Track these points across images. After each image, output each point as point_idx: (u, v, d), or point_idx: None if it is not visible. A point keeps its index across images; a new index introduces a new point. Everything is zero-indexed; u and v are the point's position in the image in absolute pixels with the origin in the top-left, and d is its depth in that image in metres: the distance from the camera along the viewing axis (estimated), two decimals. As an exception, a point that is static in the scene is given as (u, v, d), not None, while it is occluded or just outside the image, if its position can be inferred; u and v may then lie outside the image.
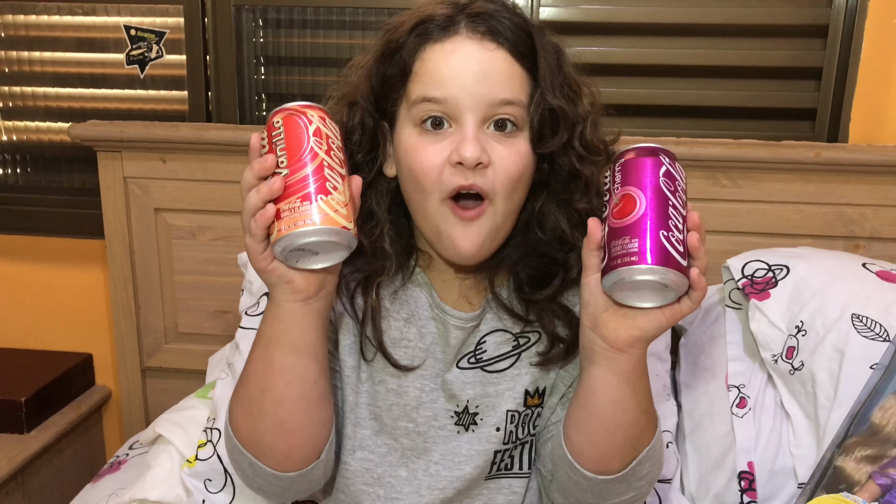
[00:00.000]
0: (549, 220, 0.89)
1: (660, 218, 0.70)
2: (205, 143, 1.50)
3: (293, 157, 0.72)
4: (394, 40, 0.85)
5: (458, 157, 0.79)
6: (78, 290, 1.77)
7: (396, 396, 0.90)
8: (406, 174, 0.84)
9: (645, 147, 0.74)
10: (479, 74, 0.80)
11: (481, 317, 0.92)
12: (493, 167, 0.81)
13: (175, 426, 1.26)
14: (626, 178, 0.73)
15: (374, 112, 0.87)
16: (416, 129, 0.83)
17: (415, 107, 0.82)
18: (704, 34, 1.48)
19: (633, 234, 0.70)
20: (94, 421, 1.78)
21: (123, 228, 1.57)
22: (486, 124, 0.81)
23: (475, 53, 0.81)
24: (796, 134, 1.48)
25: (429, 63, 0.82)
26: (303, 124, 0.73)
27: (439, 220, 0.83)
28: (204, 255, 1.57)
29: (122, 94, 1.68)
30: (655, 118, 1.52)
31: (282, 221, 0.70)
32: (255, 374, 0.81)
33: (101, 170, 1.55)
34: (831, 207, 1.40)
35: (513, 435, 0.92)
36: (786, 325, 1.19)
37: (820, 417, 1.11)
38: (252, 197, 0.71)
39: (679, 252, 0.70)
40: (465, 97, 0.80)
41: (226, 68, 1.62)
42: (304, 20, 1.61)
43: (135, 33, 1.63)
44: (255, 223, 0.71)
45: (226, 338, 1.56)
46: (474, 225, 0.82)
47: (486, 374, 0.91)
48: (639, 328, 0.75)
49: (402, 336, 0.91)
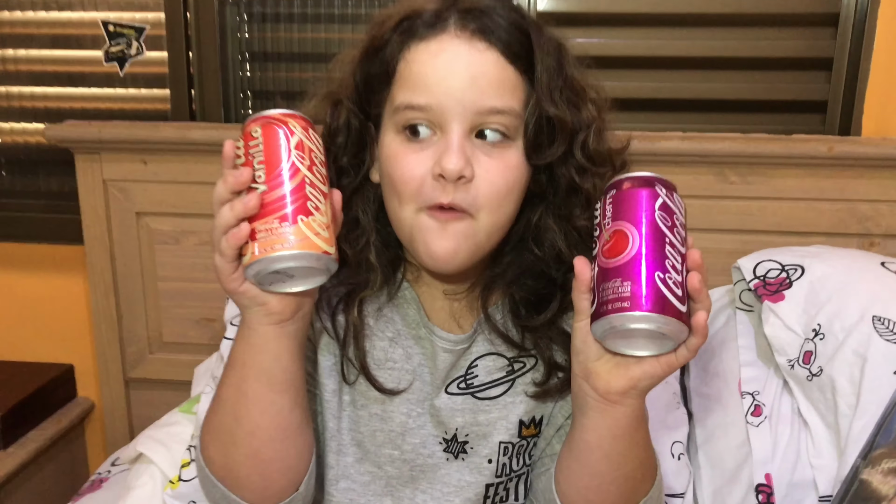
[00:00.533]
0: (546, 237, 0.82)
1: (656, 258, 0.63)
2: (188, 143, 1.45)
3: (272, 172, 0.65)
4: (378, 36, 0.79)
5: (440, 169, 0.73)
6: (57, 299, 1.72)
7: (381, 422, 0.85)
8: (386, 181, 0.79)
9: (639, 177, 0.67)
10: (466, 79, 0.74)
11: (472, 339, 0.85)
12: (476, 182, 0.74)
13: (157, 444, 1.21)
14: (617, 211, 0.66)
15: (360, 112, 0.81)
16: (399, 136, 0.77)
17: (398, 113, 0.76)
18: (710, 24, 1.43)
19: (626, 275, 0.63)
20: (76, 435, 1.73)
21: (104, 233, 1.53)
22: (472, 133, 0.75)
23: (463, 55, 0.74)
24: (806, 127, 1.44)
25: (413, 65, 0.76)
26: (284, 136, 0.66)
27: (413, 227, 0.77)
28: (188, 260, 1.53)
29: (100, 93, 1.63)
30: (660, 112, 1.48)
31: (257, 243, 0.64)
32: (227, 402, 0.75)
33: (80, 172, 1.51)
34: (845, 204, 1.35)
35: (506, 468, 0.86)
36: (802, 328, 1.14)
37: (841, 426, 1.06)
38: (224, 213, 0.65)
39: (677, 296, 0.63)
40: (451, 105, 0.74)
41: (209, 65, 1.57)
42: (292, 14, 1.56)
43: (113, 29, 1.58)
44: (227, 243, 0.65)
45: (212, 347, 1.50)
46: (451, 229, 0.76)
47: (476, 401, 0.85)
48: (633, 379, 0.69)
49: (388, 357, 0.85)
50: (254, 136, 0.66)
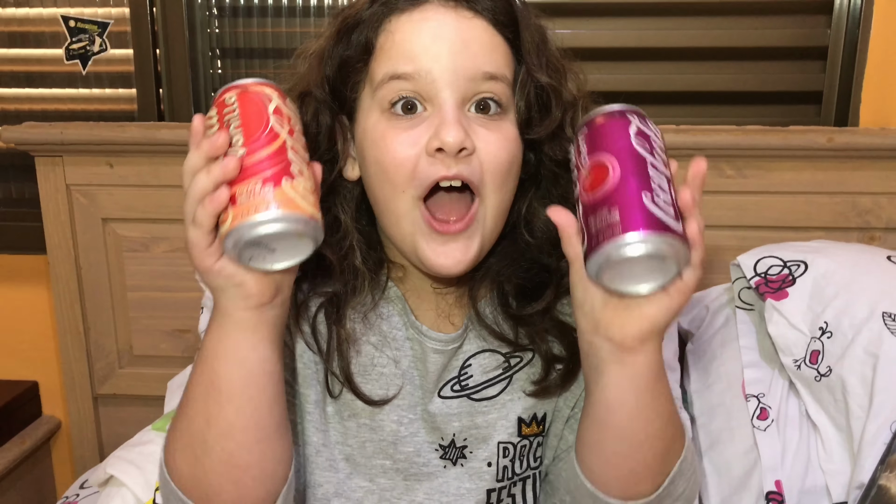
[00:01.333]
0: (537, 222, 0.79)
1: (639, 179, 0.60)
2: (156, 143, 1.41)
3: (251, 135, 0.61)
4: (351, 16, 0.74)
5: (439, 142, 0.68)
6: (19, 311, 1.67)
7: (370, 432, 0.79)
8: (373, 169, 0.73)
9: (609, 111, 0.64)
10: (456, 44, 0.71)
11: (463, 337, 0.80)
12: (478, 155, 0.71)
13: (129, 465, 1.14)
14: (592, 146, 0.63)
15: (332, 103, 0.76)
16: (385, 115, 0.72)
17: (381, 88, 0.72)
18: (702, 14, 1.42)
19: (612, 202, 0.60)
20: (42, 455, 1.67)
21: (68, 241, 1.48)
22: (467, 105, 0.72)
23: (451, 21, 0.71)
24: (801, 119, 1.42)
25: (396, 35, 0.72)
26: (261, 101, 0.63)
27: (413, 228, 0.72)
28: (158, 268, 1.48)
29: (62, 94, 1.57)
30: (652, 105, 1.44)
31: (237, 208, 0.59)
32: (197, 401, 0.68)
33: (41, 177, 1.46)
34: (844, 197, 1.33)
35: (508, 470, 0.81)
36: (808, 326, 1.11)
37: (853, 428, 1.02)
38: (200, 179, 0.60)
39: (669, 214, 0.59)
40: (440, 71, 0.70)
41: (178, 62, 1.52)
42: (264, 7, 1.51)
43: (74, 25, 1.52)
44: (204, 209, 0.59)
45: (185, 360, 1.47)
46: (459, 240, 0.72)
47: (473, 403, 0.80)
48: (647, 318, 0.63)
49: (374, 363, 0.79)
50: (228, 104, 0.63)
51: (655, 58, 1.44)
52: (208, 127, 0.62)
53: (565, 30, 1.41)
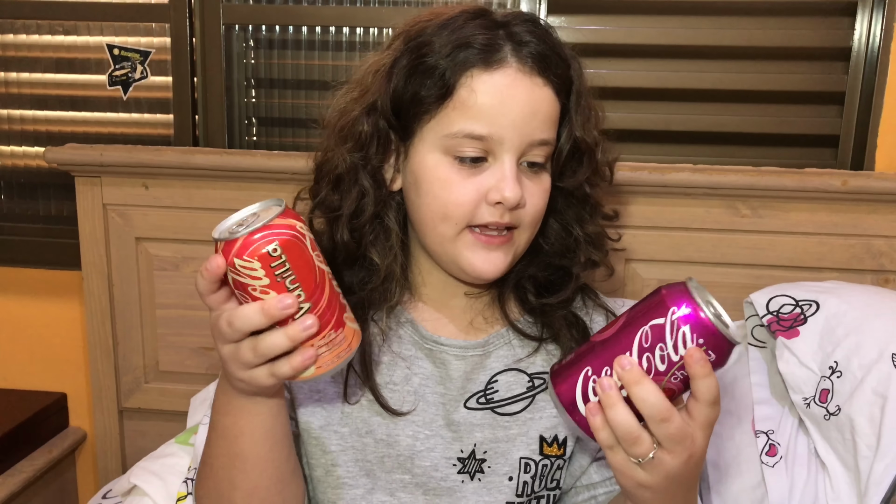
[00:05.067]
0: (551, 232, 0.89)
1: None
2: (191, 167, 1.43)
3: (309, 287, 0.63)
4: (428, 53, 0.78)
5: (500, 197, 0.77)
6: (52, 325, 1.69)
7: (387, 447, 0.82)
8: (430, 201, 0.80)
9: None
10: (527, 114, 0.78)
11: (486, 348, 0.85)
12: (524, 206, 0.81)
13: (152, 476, 1.17)
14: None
15: (395, 121, 0.81)
16: (447, 158, 0.79)
17: (454, 138, 0.78)
18: (722, 57, 1.43)
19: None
20: (67, 466, 1.69)
21: (102, 259, 1.50)
22: (520, 161, 0.80)
23: (526, 91, 0.78)
24: (818, 161, 1.43)
25: (479, 95, 0.77)
26: (302, 243, 0.63)
27: (458, 244, 0.80)
28: (188, 287, 1.50)
29: (103, 118, 1.61)
30: (671, 144, 1.47)
31: (321, 358, 0.65)
32: (221, 469, 0.74)
33: (79, 196, 1.48)
34: (858, 239, 1.33)
35: (528, 487, 0.84)
36: (818, 365, 1.12)
37: (861, 468, 1.03)
38: (277, 339, 0.63)
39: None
40: (510, 136, 0.78)
41: (214, 90, 1.56)
42: (298, 41, 1.55)
43: (118, 53, 1.57)
44: (292, 367, 0.64)
45: (209, 377, 1.48)
46: (500, 250, 0.80)
47: (496, 416, 0.84)
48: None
49: (389, 381, 0.83)
50: (276, 257, 0.61)
51: (676, 98, 1.45)
52: (242, 278, 0.62)
53: (589, 69, 1.43)
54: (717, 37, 1.42)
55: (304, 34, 1.54)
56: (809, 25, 1.40)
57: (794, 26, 1.40)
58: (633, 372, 0.61)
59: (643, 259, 1.37)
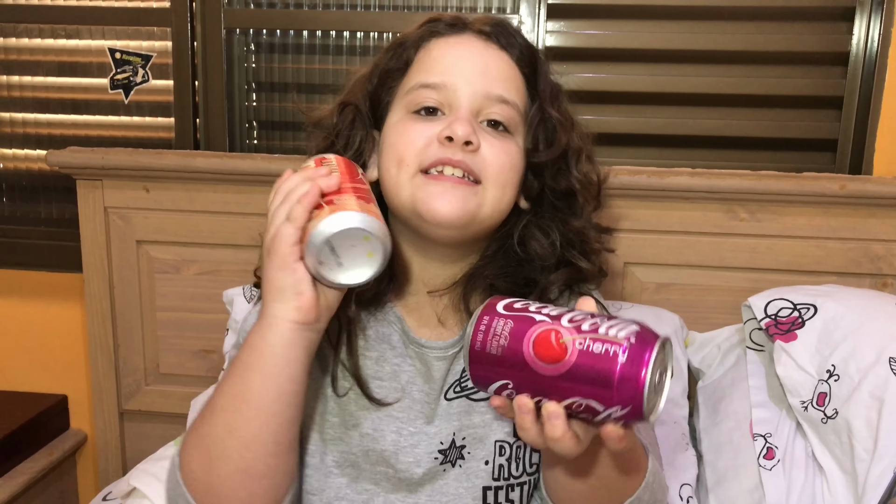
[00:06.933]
0: (531, 243, 0.87)
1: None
2: (191, 171, 1.44)
3: (347, 174, 0.73)
4: (401, 38, 0.87)
5: (449, 131, 0.78)
6: (53, 327, 1.70)
7: (372, 441, 0.83)
8: (388, 152, 0.83)
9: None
10: (480, 66, 0.82)
11: (461, 343, 0.86)
12: (482, 153, 0.80)
13: (152, 478, 1.17)
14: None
15: (368, 113, 0.87)
16: (409, 115, 0.83)
17: (411, 92, 0.83)
18: (721, 61, 1.44)
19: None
20: (68, 468, 1.70)
21: (103, 261, 1.51)
22: (479, 118, 0.82)
23: (479, 48, 0.83)
24: (816, 165, 1.43)
25: (433, 51, 0.84)
26: (356, 167, 0.77)
27: (413, 187, 0.80)
28: (188, 290, 1.51)
29: (105, 121, 1.62)
30: (669, 148, 1.48)
31: (332, 207, 0.68)
32: (224, 410, 0.72)
33: (81, 199, 1.49)
34: (857, 243, 1.33)
35: (504, 470, 0.84)
36: (815, 368, 1.12)
37: (858, 471, 1.03)
38: (302, 185, 0.69)
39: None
40: (462, 85, 0.81)
41: (215, 94, 1.56)
42: (299, 44, 1.56)
43: (120, 57, 1.58)
44: (301, 206, 0.68)
45: (210, 379, 1.49)
46: (456, 191, 0.79)
47: (471, 403, 0.85)
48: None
49: (375, 375, 0.84)
50: (327, 159, 0.75)
51: (674, 102, 1.45)
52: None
53: (587, 73, 1.44)
54: (716, 41, 1.42)
55: (305, 38, 1.55)
56: (808, 30, 1.41)
57: (793, 31, 1.41)
58: (556, 429, 0.61)
59: (641, 262, 1.38)
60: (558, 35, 1.46)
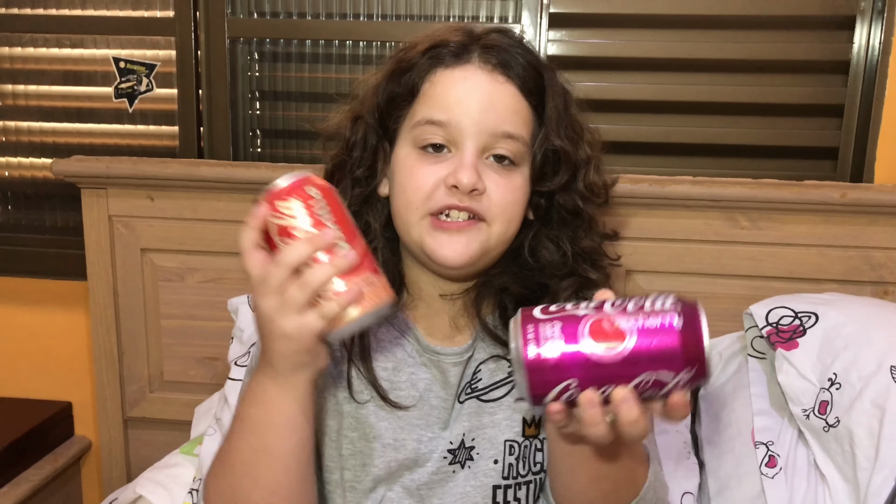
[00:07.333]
0: (542, 251, 0.90)
1: None
2: (196, 179, 1.45)
3: (345, 227, 0.70)
4: (405, 59, 0.85)
5: (455, 180, 0.79)
6: (58, 334, 1.70)
7: (394, 452, 0.84)
8: (398, 189, 0.84)
9: None
10: (484, 104, 0.82)
11: (473, 347, 0.88)
12: (487, 194, 0.82)
13: (157, 486, 1.18)
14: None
15: (378, 129, 0.86)
16: (416, 150, 0.83)
17: (417, 128, 0.83)
18: (722, 70, 1.44)
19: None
20: (72, 474, 1.69)
21: (107, 269, 1.51)
22: (485, 155, 0.82)
23: (484, 84, 0.82)
24: (817, 174, 1.43)
25: (438, 86, 0.83)
26: (334, 194, 0.71)
27: (421, 231, 0.82)
28: (192, 298, 1.51)
29: (109, 129, 1.62)
30: (671, 156, 1.48)
31: (363, 297, 0.67)
32: (246, 464, 0.74)
33: (85, 207, 1.49)
34: (858, 251, 1.33)
35: (513, 469, 0.86)
36: (817, 377, 1.12)
37: (860, 480, 1.03)
38: (322, 270, 0.66)
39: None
40: (468, 124, 0.81)
41: (219, 103, 1.57)
42: (302, 53, 1.57)
43: (124, 66, 1.58)
44: (337, 303, 0.67)
45: (214, 386, 1.48)
46: (461, 235, 0.81)
47: (481, 404, 0.87)
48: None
49: (393, 384, 0.86)
50: (313, 197, 0.68)
51: (676, 111, 1.45)
52: (281, 218, 0.68)
53: (589, 82, 1.45)
54: (717, 50, 1.43)
55: (308, 47, 1.56)
56: (809, 38, 1.41)
57: (794, 39, 1.41)
58: (632, 411, 0.62)
59: (644, 270, 1.38)
60: (560, 44, 1.46)
